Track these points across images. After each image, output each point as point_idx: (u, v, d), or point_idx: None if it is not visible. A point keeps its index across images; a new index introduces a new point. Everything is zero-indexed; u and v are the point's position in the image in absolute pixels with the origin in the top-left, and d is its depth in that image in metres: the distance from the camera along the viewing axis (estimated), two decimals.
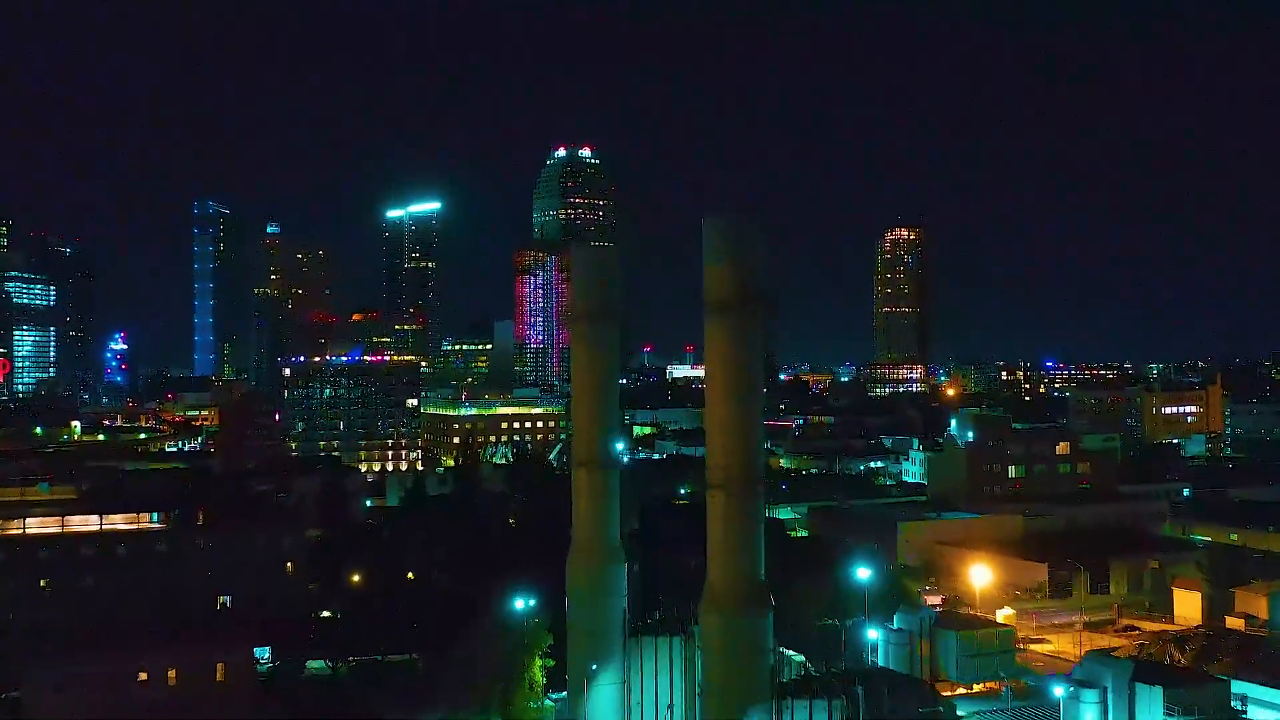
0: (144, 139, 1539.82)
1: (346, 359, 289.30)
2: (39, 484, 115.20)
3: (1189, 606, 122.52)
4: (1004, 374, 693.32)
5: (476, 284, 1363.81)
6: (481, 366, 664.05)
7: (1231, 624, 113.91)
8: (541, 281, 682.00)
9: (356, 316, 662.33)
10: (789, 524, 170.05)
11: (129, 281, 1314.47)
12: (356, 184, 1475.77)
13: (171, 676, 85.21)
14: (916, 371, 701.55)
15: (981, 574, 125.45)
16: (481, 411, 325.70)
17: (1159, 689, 70.02)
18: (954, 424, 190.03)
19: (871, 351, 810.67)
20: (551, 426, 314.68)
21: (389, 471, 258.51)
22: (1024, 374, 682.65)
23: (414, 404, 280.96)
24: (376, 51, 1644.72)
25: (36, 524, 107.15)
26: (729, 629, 61.14)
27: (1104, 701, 70.43)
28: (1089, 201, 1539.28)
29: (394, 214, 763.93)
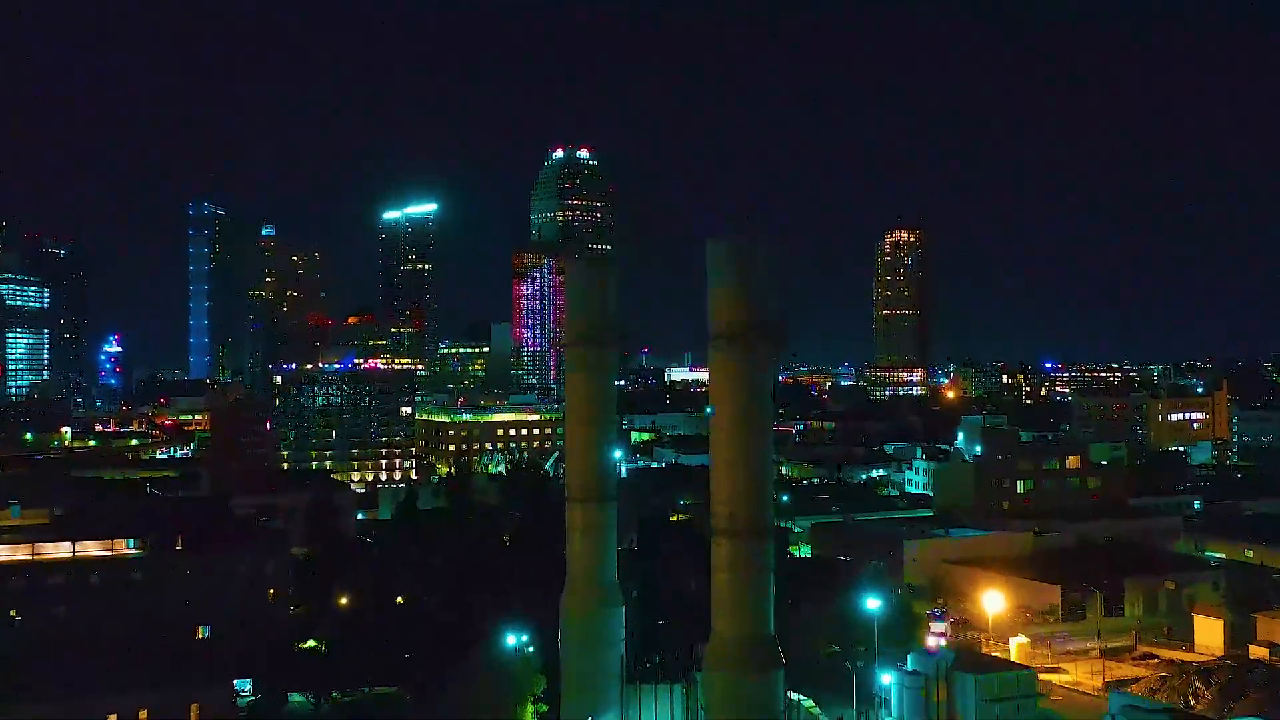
0: (139, 140, 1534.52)
1: (339, 366, 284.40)
2: (9, 507, 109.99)
3: (1210, 634, 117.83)
4: (1004, 376, 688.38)
5: (473, 286, 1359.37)
6: (479, 369, 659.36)
7: (1255, 653, 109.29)
8: (539, 284, 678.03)
9: (352, 319, 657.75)
10: (791, 538, 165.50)
11: (124, 283, 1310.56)
12: (353, 185, 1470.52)
13: (142, 718, 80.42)
14: (916, 374, 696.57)
15: (994, 600, 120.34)
16: (477, 418, 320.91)
17: None
18: (961, 436, 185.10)
19: (871, 353, 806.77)
20: (548, 433, 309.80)
21: (381, 483, 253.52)
22: (1024, 376, 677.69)
23: (408, 412, 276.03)
24: (373, 52, 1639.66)
25: (6, 551, 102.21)
26: (735, 690, 56.10)
27: None
28: (1087, 202, 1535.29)
29: (390, 215, 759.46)
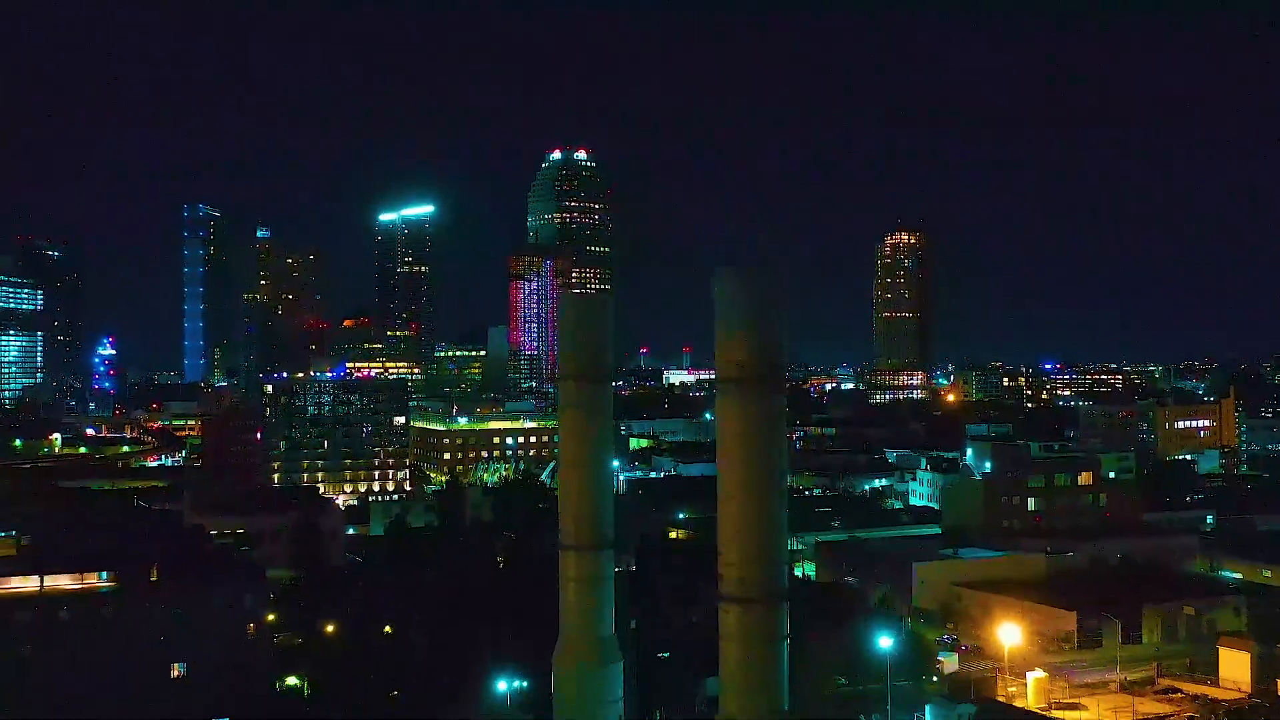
0: (134, 141, 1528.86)
1: (331, 375, 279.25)
2: None
3: (1236, 667, 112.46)
4: (1005, 379, 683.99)
5: (470, 288, 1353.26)
6: (475, 373, 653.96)
7: None
8: (536, 287, 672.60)
9: (348, 322, 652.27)
10: (793, 555, 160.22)
11: (119, 285, 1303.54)
12: (349, 187, 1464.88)
13: None
14: (917, 378, 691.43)
15: (1009, 633, 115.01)
16: (473, 426, 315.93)
17: None
18: (970, 452, 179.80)
19: (870, 355, 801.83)
20: (545, 441, 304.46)
21: (375, 494, 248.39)
22: (1025, 379, 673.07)
23: (402, 421, 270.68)
24: (369, 52, 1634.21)
25: None
26: None
27: None
28: (1084, 203, 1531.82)
29: (386, 217, 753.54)
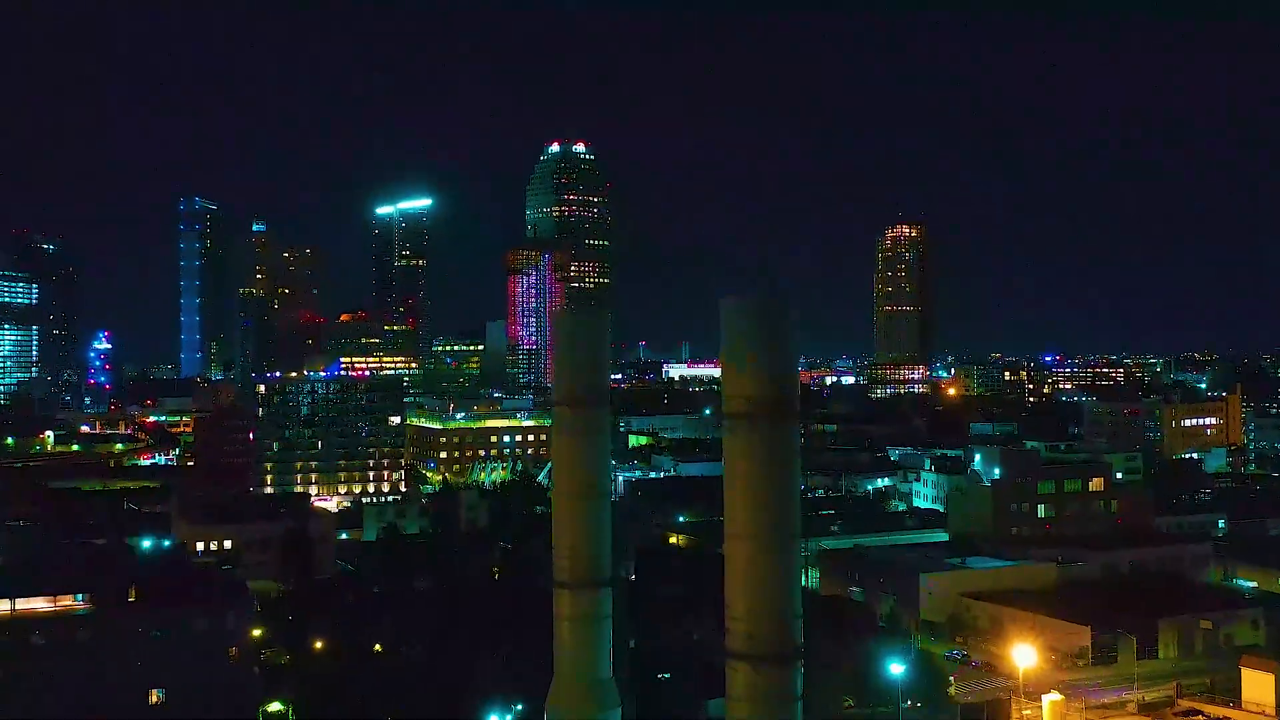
0: (130, 134, 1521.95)
1: (325, 374, 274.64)
2: None
3: (1260, 689, 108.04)
4: (1006, 373, 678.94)
5: (468, 283, 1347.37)
6: (473, 368, 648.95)
7: None
8: (534, 281, 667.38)
9: (345, 317, 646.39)
10: None
11: (115, 279, 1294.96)
12: (346, 180, 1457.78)
13: None
14: (918, 372, 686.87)
15: (1024, 654, 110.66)
16: (470, 424, 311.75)
17: None
18: (978, 457, 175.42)
19: (870, 350, 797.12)
20: (543, 439, 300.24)
21: (368, 498, 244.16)
22: (1027, 373, 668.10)
23: (397, 421, 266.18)
24: (367, 44, 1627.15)
25: None
26: None
27: None
28: (1084, 195, 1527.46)
29: (384, 211, 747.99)
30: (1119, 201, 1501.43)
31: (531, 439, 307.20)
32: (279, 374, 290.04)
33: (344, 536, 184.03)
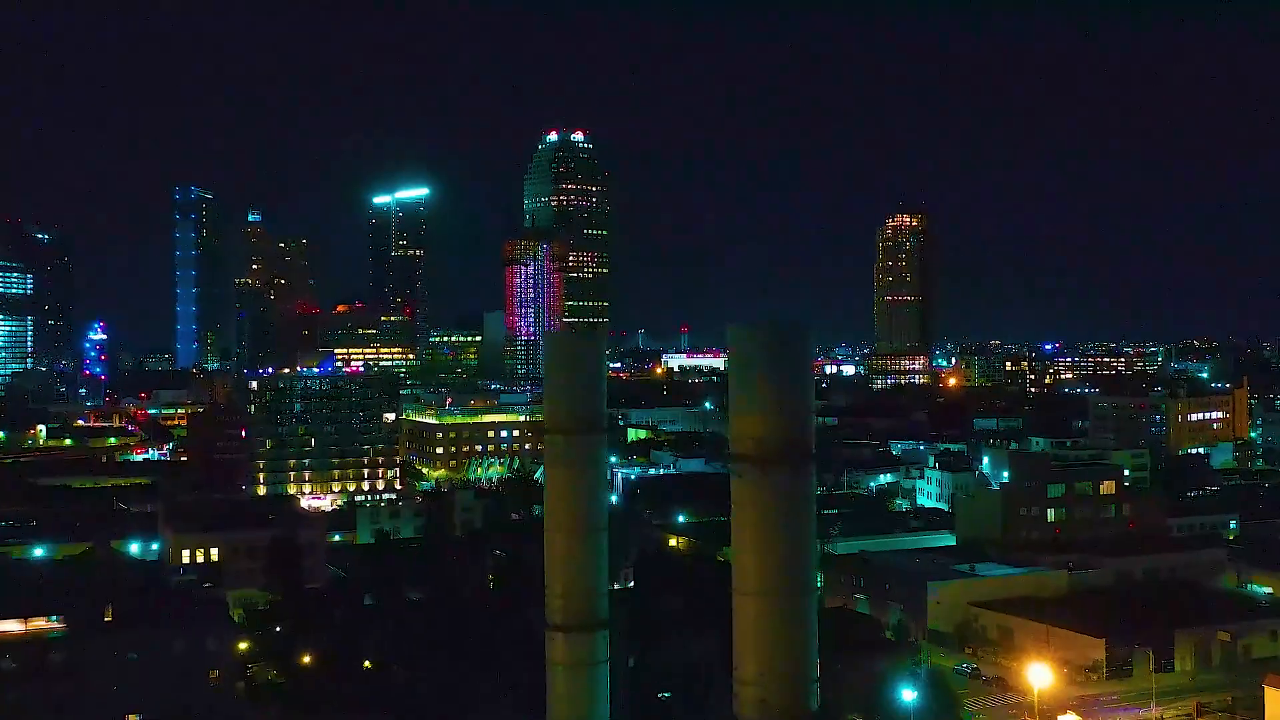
0: (125, 122, 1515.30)
1: (318, 370, 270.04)
2: None
3: None
4: (1007, 364, 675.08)
5: (466, 273, 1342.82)
6: (471, 359, 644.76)
7: None
8: (532, 271, 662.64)
9: (341, 308, 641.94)
10: None
11: (110, 269, 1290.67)
12: (342, 169, 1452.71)
13: None
14: (918, 362, 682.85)
15: (1038, 672, 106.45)
16: (466, 419, 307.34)
17: None
18: (986, 460, 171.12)
19: (869, 339, 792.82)
20: (541, 435, 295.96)
21: (362, 496, 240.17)
22: (1028, 363, 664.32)
23: (391, 418, 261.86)
24: (363, 33, 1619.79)
25: None
26: None
27: None
28: (1082, 183, 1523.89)
29: (381, 200, 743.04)
30: (1117, 189, 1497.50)
31: (529, 434, 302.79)
32: (271, 370, 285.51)
33: (337, 538, 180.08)
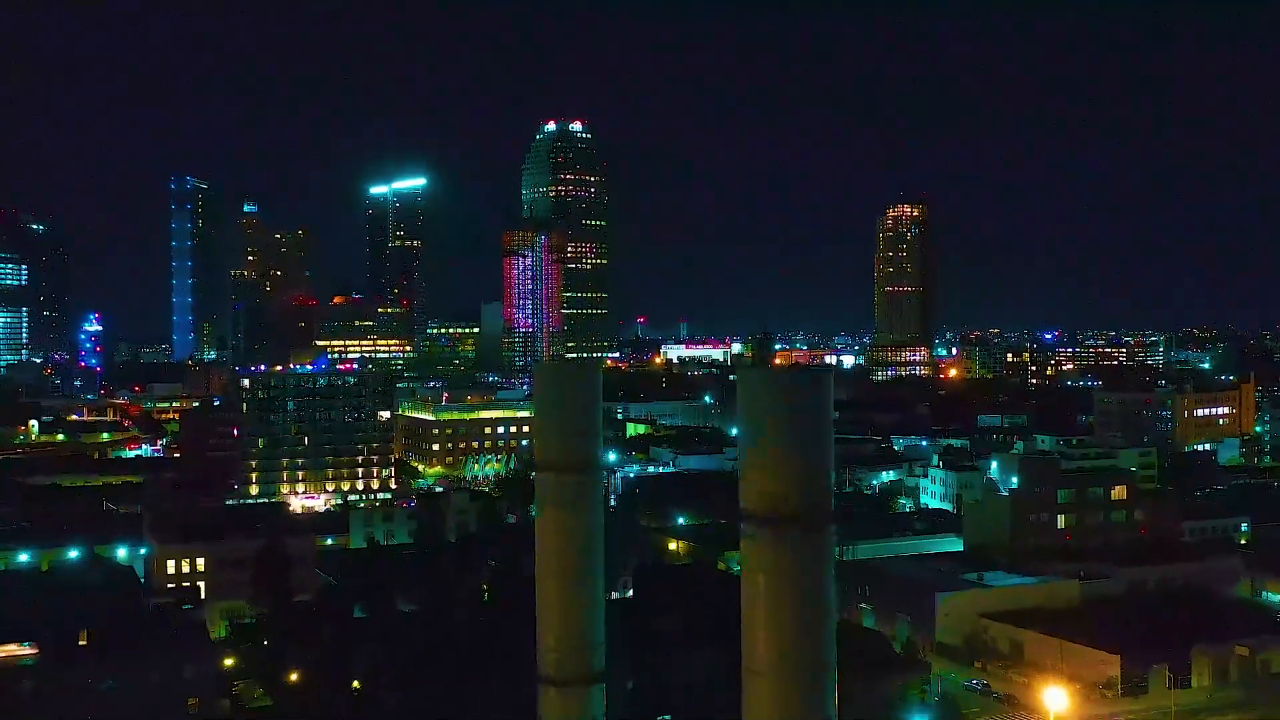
0: (120, 112, 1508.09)
1: (312, 366, 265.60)
2: None
3: None
4: (1008, 354, 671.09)
5: (464, 264, 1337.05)
6: (468, 351, 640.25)
7: None
8: (531, 262, 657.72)
9: (338, 300, 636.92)
10: None
11: (105, 260, 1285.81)
12: (339, 159, 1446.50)
13: None
14: (919, 353, 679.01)
15: (1054, 695, 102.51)
16: (462, 415, 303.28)
17: None
18: (995, 465, 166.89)
19: (869, 331, 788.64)
20: None
21: (356, 495, 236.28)
22: (1030, 354, 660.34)
23: (386, 416, 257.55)
24: (360, 22, 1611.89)
25: None
26: None
27: None
28: (1082, 175, 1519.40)
29: (378, 191, 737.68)
30: (1115, 179, 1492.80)
31: (527, 430, 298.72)
32: (264, 366, 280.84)
33: (330, 541, 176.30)
